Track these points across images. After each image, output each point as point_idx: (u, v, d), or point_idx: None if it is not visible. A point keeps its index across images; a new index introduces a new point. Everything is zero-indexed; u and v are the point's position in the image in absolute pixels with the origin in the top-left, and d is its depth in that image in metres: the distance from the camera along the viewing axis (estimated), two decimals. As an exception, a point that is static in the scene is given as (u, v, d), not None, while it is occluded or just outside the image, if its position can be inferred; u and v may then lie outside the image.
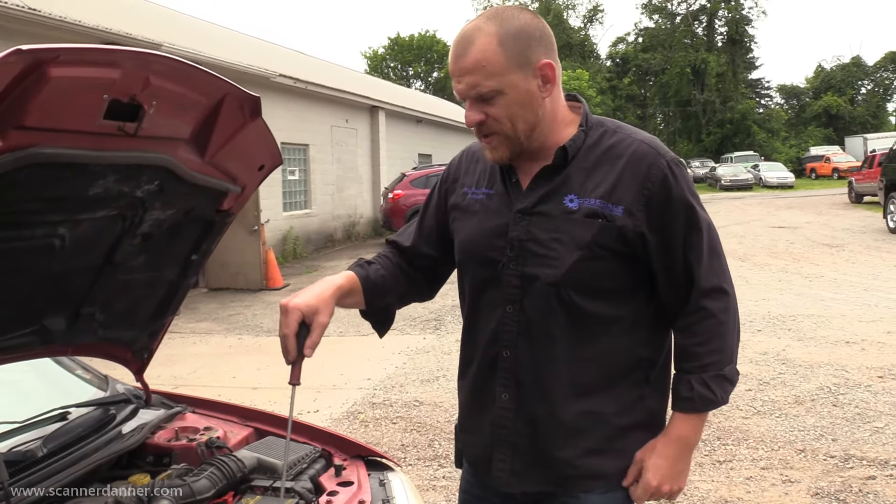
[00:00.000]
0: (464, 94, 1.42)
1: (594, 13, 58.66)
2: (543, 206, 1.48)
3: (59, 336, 1.73)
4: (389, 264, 1.69)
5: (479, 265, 1.57)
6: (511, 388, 1.53)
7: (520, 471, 1.56)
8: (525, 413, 1.53)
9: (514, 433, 1.55)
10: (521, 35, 1.39)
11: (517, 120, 1.42)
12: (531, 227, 1.48)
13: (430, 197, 1.76)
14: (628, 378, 1.53)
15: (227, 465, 1.67)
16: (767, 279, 10.36)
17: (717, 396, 1.49)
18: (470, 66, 1.38)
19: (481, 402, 1.61)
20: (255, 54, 14.89)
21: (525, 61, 1.39)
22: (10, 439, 1.73)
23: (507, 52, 1.37)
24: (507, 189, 1.54)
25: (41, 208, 1.38)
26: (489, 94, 1.39)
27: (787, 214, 20.91)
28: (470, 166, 1.68)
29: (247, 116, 1.57)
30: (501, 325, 1.53)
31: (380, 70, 57.57)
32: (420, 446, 4.62)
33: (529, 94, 1.41)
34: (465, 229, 1.61)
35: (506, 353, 1.53)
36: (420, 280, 1.74)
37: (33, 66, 1.10)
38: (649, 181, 1.43)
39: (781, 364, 6.08)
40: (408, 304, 1.79)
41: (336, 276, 1.57)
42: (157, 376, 6.14)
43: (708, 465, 4.16)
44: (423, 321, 8.39)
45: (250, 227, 11.21)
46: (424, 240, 1.72)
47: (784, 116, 55.99)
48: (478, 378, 1.61)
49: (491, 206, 1.56)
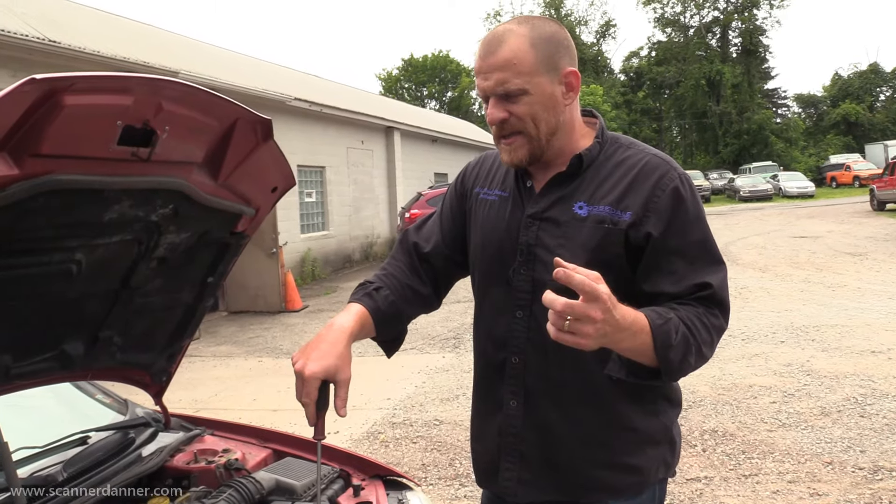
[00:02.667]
0: (490, 91, 1.42)
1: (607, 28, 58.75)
2: (553, 211, 1.48)
3: (78, 360, 1.75)
4: (398, 286, 1.63)
5: (490, 267, 1.56)
6: (519, 395, 1.52)
7: (527, 479, 1.54)
8: (534, 421, 1.51)
9: (522, 441, 1.53)
10: (551, 40, 1.42)
11: (539, 121, 1.43)
12: (540, 233, 1.48)
13: (446, 199, 1.75)
14: (643, 389, 1.50)
15: (246, 486, 1.67)
16: (789, 290, 10.24)
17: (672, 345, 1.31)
18: (500, 62, 1.40)
19: (488, 408, 1.60)
20: (270, 79, 15.06)
21: (553, 66, 1.42)
22: (31, 464, 1.75)
23: (537, 54, 1.40)
24: (520, 193, 1.55)
25: (57, 234, 1.39)
26: (516, 91, 1.40)
27: (808, 224, 20.69)
28: (484, 169, 1.68)
29: (259, 139, 1.58)
30: (510, 330, 1.52)
31: (394, 91, 58.00)
32: (441, 465, 4.60)
33: (553, 98, 1.43)
34: (477, 231, 1.61)
35: (514, 359, 1.52)
36: (428, 293, 1.69)
37: (48, 94, 1.13)
38: (659, 189, 1.43)
39: (806, 375, 5.99)
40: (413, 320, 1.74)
41: (345, 319, 1.48)
42: (179, 400, 6.18)
43: (734, 480, 4.10)
44: (442, 340, 8.38)
45: (269, 250, 11.29)
46: (444, 241, 1.69)
47: (802, 125, 55.50)
48: (485, 382, 1.61)
49: (504, 209, 1.56)
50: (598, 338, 1.18)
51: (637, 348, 1.29)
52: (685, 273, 1.41)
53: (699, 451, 4.55)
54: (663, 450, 1.54)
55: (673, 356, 1.31)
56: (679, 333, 1.32)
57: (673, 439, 1.57)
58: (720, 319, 1.42)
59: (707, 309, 1.40)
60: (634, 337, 1.26)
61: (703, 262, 1.44)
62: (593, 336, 1.16)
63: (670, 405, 1.57)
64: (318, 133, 16.04)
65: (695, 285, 1.41)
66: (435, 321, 9.25)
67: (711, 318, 1.40)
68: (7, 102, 1.08)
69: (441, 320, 9.38)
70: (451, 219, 1.71)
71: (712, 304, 1.41)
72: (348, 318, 1.48)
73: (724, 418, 5.12)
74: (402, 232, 1.79)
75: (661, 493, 1.59)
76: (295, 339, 9.20)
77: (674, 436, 1.58)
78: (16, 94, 1.08)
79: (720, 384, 5.92)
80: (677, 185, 1.44)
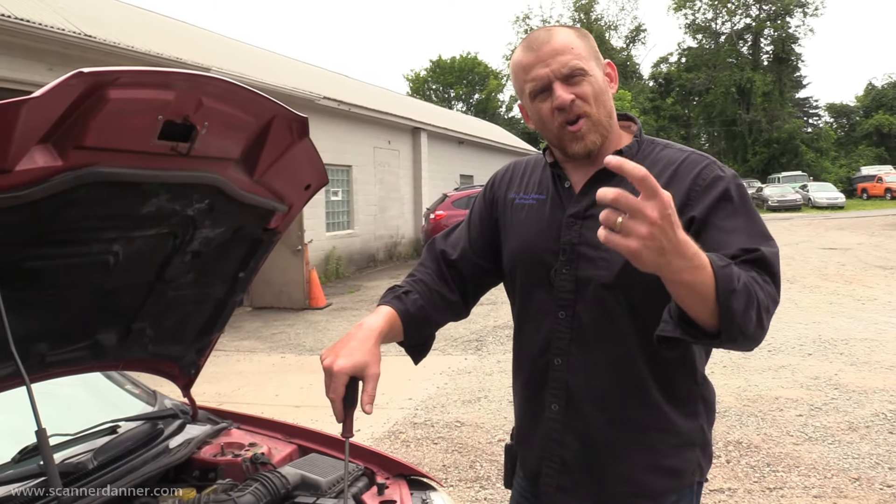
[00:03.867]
0: (555, 73, 1.43)
1: (636, 33, 58.39)
2: (596, 209, 1.44)
3: (110, 351, 1.78)
4: (427, 291, 1.62)
5: (531, 270, 1.56)
6: (561, 398, 1.51)
7: (567, 487, 1.53)
8: (575, 425, 1.51)
9: (563, 446, 1.52)
10: (589, 37, 1.52)
11: (600, 104, 1.46)
12: (583, 231, 1.47)
13: (474, 207, 1.75)
14: (684, 390, 1.49)
15: (271, 480, 1.68)
16: (818, 302, 10.09)
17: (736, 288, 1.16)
18: (559, 47, 1.44)
19: (532, 412, 1.59)
20: (300, 77, 15.17)
21: (597, 56, 1.50)
22: (63, 451, 1.77)
23: (585, 45, 1.48)
24: (559, 193, 1.55)
25: (97, 226, 1.42)
26: (579, 71, 1.43)
27: (838, 235, 20.37)
28: (516, 176, 1.68)
29: (295, 137, 1.59)
30: (553, 332, 1.51)
31: (421, 92, 58.09)
32: (461, 467, 4.59)
33: (604, 83, 1.49)
34: (514, 234, 1.61)
35: (557, 360, 1.51)
36: (457, 300, 1.68)
37: (94, 87, 1.14)
38: (701, 178, 1.42)
39: (834, 389, 5.90)
40: (442, 327, 1.72)
41: (375, 319, 1.47)
42: (203, 393, 6.23)
43: (758, 493, 4.05)
44: (464, 342, 8.37)
45: (294, 247, 11.36)
46: (472, 248, 1.69)
47: (833, 136, 54.70)
48: (528, 387, 1.60)
49: (542, 211, 1.56)
50: (652, 247, 1.01)
51: (696, 286, 1.11)
52: (730, 241, 1.32)
53: (723, 462, 4.50)
54: (698, 452, 1.54)
55: (735, 304, 1.15)
56: (741, 281, 1.17)
57: (708, 442, 1.57)
58: (773, 288, 1.28)
59: (759, 274, 1.26)
60: (695, 271, 1.09)
61: (749, 233, 1.35)
62: (647, 239, 1.01)
63: (706, 408, 1.56)
64: (346, 132, 16.13)
65: (743, 249, 1.30)
66: (458, 323, 9.23)
67: (765, 284, 1.26)
68: (54, 95, 1.10)
69: (464, 322, 9.34)
70: (480, 226, 1.71)
71: (763, 270, 1.28)
72: (378, 319, 1.48)
73: (748, 430, 5.06)
74: (429, 240, 1.78)
75: (697, 497, 1.58)
76: (318, 336, 9.25)
77: (708, 438, 1.57)
78: (63, 86, 1.10)
79: (745, 395, 5.84)
80: (718, 174, 1.42)
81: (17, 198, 1.17)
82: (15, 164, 1.13)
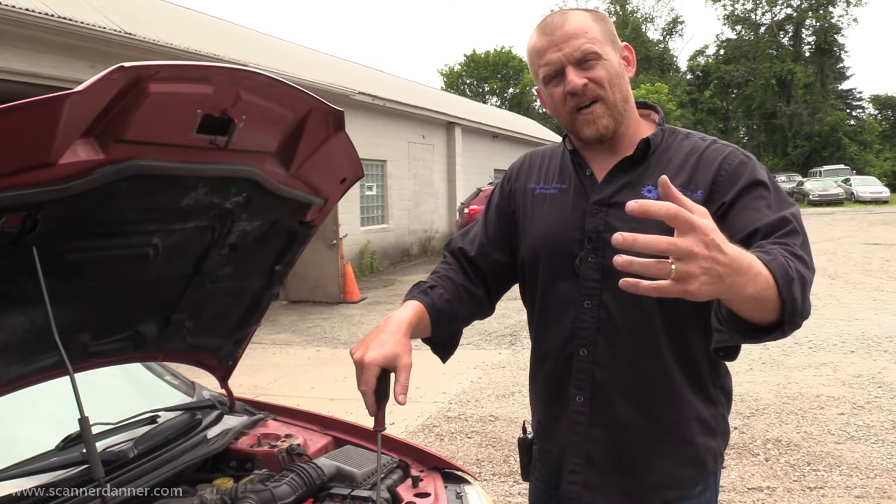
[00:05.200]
0: (568, 57, 1.43)
1: (674, 25, 57.52)
2: (621, 196, 1.45)
3: (151, 342, 1.81)
4: (452, 286, 1.61)
5: (553, 259, 1.54)
6: (586, 389, 1.50)
7: (593, 483, 1.52)
8: (602, 417, 1.50)
9: (589, 439, 1.51)
10: (606, 19, 1.51)
11: (615, 87, 1.45)
12: (609, 219, 1.46)
13: (491, 201, 1.74)
14: (708, 379, 1.50)
15: (307, 472, 1.70)
16: (861, 298, 9.85)
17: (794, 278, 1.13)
18: (572, 31, 1.43)
19: (554, 405, 1.58)
20: (335, 73, 15.26)
21: (613, 39, 1.49)
22: (104, 440, 1.81)
23: (600, 27, 1.46)
24: (581, 182, 1.54)
25: (137, 218, 1.44)
26: (592, 55, 1.42)
27: (882, 231, 19.86)
28: (534, 167, 1.68)
29: (331, 130, 1.60)
30: (578, 321, 1.50)
31: (456, 87, 58.01)
32: (495, 461, 4.59)
33: (620, 67, 1.48)
34: (536, 224, 1.59)
35: (582, 351, 1.50)
36: (482, 296, 1.67)
37: (134, 81, 1.16)
38: (727, 163, 1.42)
39: (877, 387, 5.76)
40: (469, 324, 1.71)
41: (403, 312, 1.46)
42: (240, 385, 6.31)
43: (797, 492, 3.97)
44: (498, 336, 8.36)
45: (329, 242, 11.45)
46: (491, 244, 1.68)
47: (878, 128, 53.27)
48: (551, 379, 1.58)
49: (565, 200, 1.55)
50: (711, 280, 0.95)
51: (759, 293, 1.06)
52: (758, 218, 1.31)
53: (762, 461, 4.42)
54: (720, 440, 1.55)
55: (797, 293, 1.12)
56: (794, 268, 1.14)
57: (727, 430, 1.58)
58: (807, 255, 1.25)
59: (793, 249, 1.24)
60: (756, 280, 1.05)
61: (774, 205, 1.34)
62: (701, 277, 0.94)
63: (727, 396, 1.57)
64: (381, 127, 16.18)
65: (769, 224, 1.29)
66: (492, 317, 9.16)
67: (803, 255, 1.23)
68: (96, 89, 1.11)
69: (498, 317, 9.35)
70: (498, 220, 1.70)
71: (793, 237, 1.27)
72: (406, 312, 1.47)
73: (788, 427, 4.97)
74: (448, 241, 1.78)
75: (717, 484, 1.60)
76: (352, 329, 9.31)
77: (728, 426, 1.59)
78: (104, 81, 1.11)
79: (785, 392, 5.74)
80: (742, 160, 1.43)
81: (60, 191, 1.19)
82: (59, 158, 1.15)
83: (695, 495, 1.52)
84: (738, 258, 0.99)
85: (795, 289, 1.12)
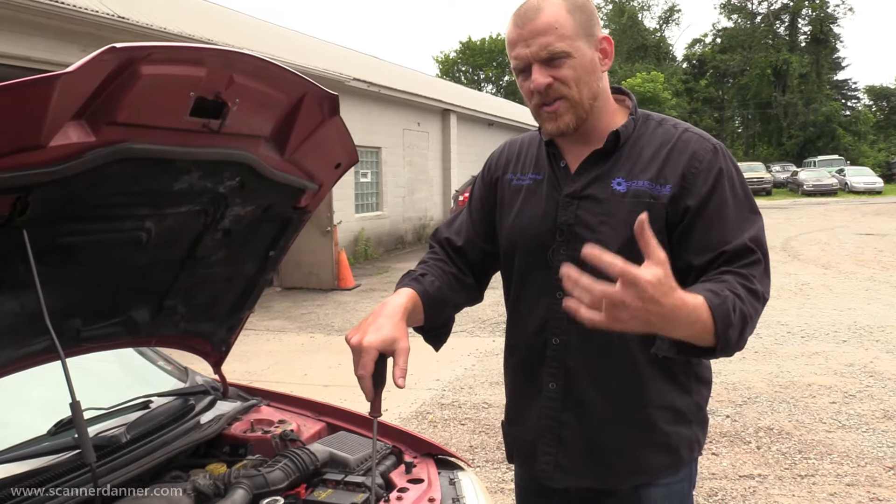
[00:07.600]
0: (534, 56, 1.42)
1: (670, 14, 57.40)
2: (592, 189, 1.48)
3: (143, 327, 1.80)
4: (442, 274, 1.62)
5: (528, 250, 1.56)
6: (559, 377, 1.52)
7: (565, 464, 1.55)
8: (573, 403, 1.52)
9: (561, 424, 1.54)
10: (584, 8, 1.44)
11: (582, 85, 1.43)
12: (579, 212, 1.48)
13: (474, 191, 1.76)
14: (681, 367, 1.51)
15: (301, 457, 1.69)
16: (853, 288, 9.90)
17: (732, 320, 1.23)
18: (542, 27, 1.40)
19: (527, 392, 1.60)
20: (330, 59, 15.16)
21: (589, 32, 1.44)
22: (97, 425, 1.80)
23: (575, 20, 1.41)
24: (555, 173, 1.55)
25: (129, 202, 1.43)
26: (560, 54, 1.40)
27: (875, 221, 19.94)
28: (513, 156, 1.68)
29: (325, 114, 1.59)
30: (551, 311, 1.51)
31: (451, 74, 57.77)
32: (488, 448, 4.60)
33: (593, 62, 1.45)
34: (512, 215, 1.61)
35: (555, 340, 1.52)
36: (472, 283, 1.70)
37: (126, 63, 1.14)
38: (696, 159, 1.43)
39: (869, 377, 5.80)
40: (459, 310, 1.72)
41: (397, 297, 1.47)
42: (233, 371, 6.29)
43: (789, 479, 4.00)
44: (492, 324, 8.37)
45: (323, 228, 11.42)
46: (476, 233, 1.70)
47: (872, 119, 53.31)
48: (524, 367, 1.60)
49: (539, 191, 1.56)
50: (639, 324, 1.06)
51: (693, 335, 1.20)
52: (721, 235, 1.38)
53: (753, 448, 4.45)
54: (696, 428, 1.56)
55: (732, 335, 1.24)
56: (737, 311, 1.25)
57: (705, 418, 1.60)
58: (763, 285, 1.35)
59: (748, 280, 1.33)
60: (692, 325, 1.17)
61: (739, 218, 1.40)
62: (629, 321, 1.05)
63: (703, 384, 1.58)
64: (375, 114, 16.12)
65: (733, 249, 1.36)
66: (485, 305, 9.22)
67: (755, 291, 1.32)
68: (87, 70, 1.09)
69: (491, 304, 9.35)
70: (482, 209, 1.71)
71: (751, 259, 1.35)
72: (401, 297, 1.48)
73: (780, 416, 5.00)
74: (434, 230, 1.79)
75: (693, 472, 1.61)
76: (346, 316, 9.31)
77: (705, 415, 1.60)
78: (95, 62, 1.09)
79: (777, 381, 5.77)
80: (711, 156, 1.44)
81: (50, 173, 1.18)
82: (49, 140, 1.14)
83: (667, 483, 1.54)
84: (677, 310, 1.09)
85: (732, 333, 1.23)
